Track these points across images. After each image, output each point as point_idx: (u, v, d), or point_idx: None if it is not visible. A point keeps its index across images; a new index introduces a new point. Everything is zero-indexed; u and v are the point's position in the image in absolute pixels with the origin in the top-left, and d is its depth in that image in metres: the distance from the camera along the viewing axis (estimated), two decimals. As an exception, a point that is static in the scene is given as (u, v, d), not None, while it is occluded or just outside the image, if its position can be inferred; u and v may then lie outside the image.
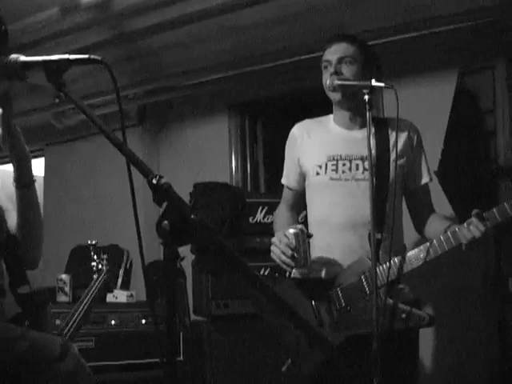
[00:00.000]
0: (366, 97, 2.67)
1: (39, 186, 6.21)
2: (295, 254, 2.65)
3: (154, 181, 1.35)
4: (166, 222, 1.31)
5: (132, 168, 1.49)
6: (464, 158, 4.02)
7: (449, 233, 2.59)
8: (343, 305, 2.70)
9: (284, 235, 2.70)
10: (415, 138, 2.89)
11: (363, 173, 2.78)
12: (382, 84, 2.70)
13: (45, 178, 6.46)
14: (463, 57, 3.98)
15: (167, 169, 5.41)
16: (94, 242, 4.13)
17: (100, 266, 3.56)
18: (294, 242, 2.67)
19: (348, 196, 2.78)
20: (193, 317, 4.49)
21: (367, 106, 2.66)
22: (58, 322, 3.93)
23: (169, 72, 4.83)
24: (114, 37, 4.34)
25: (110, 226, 5.67)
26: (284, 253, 2.68)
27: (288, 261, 2.67)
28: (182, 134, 5.29)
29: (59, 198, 6.25)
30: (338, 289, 2.72)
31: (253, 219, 4.21)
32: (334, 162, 2.83)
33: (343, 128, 2.92)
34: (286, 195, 3.13)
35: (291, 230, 2.70)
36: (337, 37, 2.90)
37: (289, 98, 5.11)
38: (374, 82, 2.68)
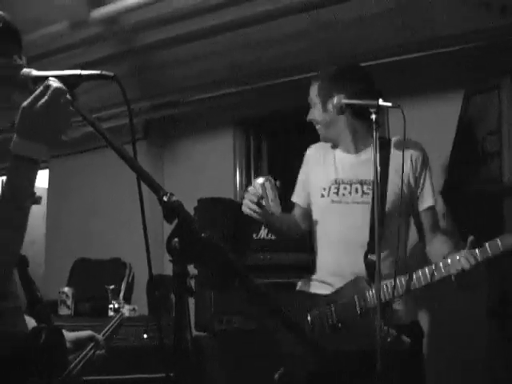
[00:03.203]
0: (374, 116, 2.70)
1: (43, 197, 6.23)
2: (262, 202, 2.77)
3: (165, 198, 1.35)
4: (176, 239, 1.32)
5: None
6: (469, 178, 4.02)
7: (441, 263, 2.65)
8: (335, 321, 2.79)
9: (252, 186, 2.83)
10: (419, 159, 2.92)
11: (362, 196, 2.86)
12: (388, 104, 2.73)
13: (48, 190, 6.47)
14: (469, 77, 3.98)
15: (171, 183, 5.41)
16: (111, 287, 4.21)
17: (117, 306, 3.59)
18: (260, 190, 2.78)
19: (346, 218, 2.86)
20: (194, 332, 4.48)
21: (374, 125, 2.69)
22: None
23: (174, 87, 4.85)
24: (120, 51, 4.37)
25: (112, 239, 5.67)
26: (251, 201, 2.78)
27: (254, 207, 2.79)
28: (186, 148, 5.30)
29: (62, 210, 6.25)
30: (332, 305, 2.81)
31: (256, 236, 4.20)
32: (337, 186, 2.94)
33: (346, 152, 3.00)
34: (296, 212, 3.22)
35: (258, 180, 2.84)
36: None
37: (294, 115, 5.11)
38: (381, 102, 2.71)
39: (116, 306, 4.49)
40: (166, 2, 3.56)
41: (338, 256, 2.89)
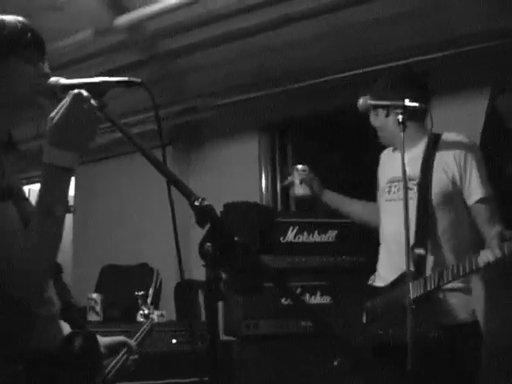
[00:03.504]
0: (400, 117, 2.70)
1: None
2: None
3: (197, 203, 1.35)
4: (208, 243, 1.31)
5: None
6: (496, 176, 3.98)
7: (470, 257, 2.64)
8: (379, 313, 2.93)
9: None
10: (463, 153, 2.91)
11: (408, 192, 2.85)
12: (415, 104, 2.73)
13: (75, 196, 6.50)
14: (495, 75, 3.95)
15: (197, 188, 5.33)
16: (140, 293, 4.48)
17: (147, 312, 3.61)
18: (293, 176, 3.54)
19: (396, 214, 2.88)
20: (223, 337, 4.48)
21: (400, 126, 2.69)
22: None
23: (199, 92, 4.86)
24: (144, 58, 4.39)
25: (139, 245, 5.69)
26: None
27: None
28: (212, 153, 5.30)
29: (89, 216, 6.29)
30: (382, 298, 2.95)
31: (283, 239, 4.18)
32: (390, 185, 3.08)
33: (399, 151, 2.97)
34: None
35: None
36: None
37: (318, 118, 5.11)
38: (407, 102, 2.71)
39: (146, 311, 4.50)
40: (189, 8, 3.56)
41: (389, 251, 3.03)
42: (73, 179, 5.60)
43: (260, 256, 1.17)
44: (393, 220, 2.97)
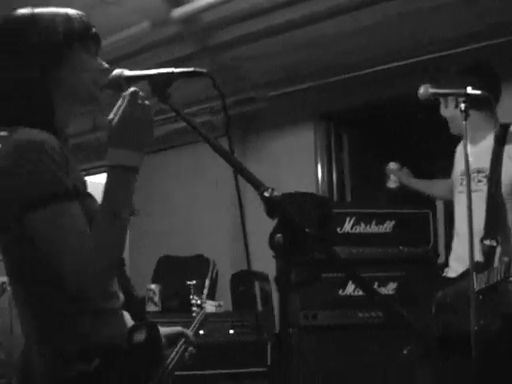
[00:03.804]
0: (463, 105, 2.65)
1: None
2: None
3: (267, 194, 1.33)
4: (279, 235, 1.30)
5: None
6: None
7: None
8: (448, 304, 2.95)
9: None
10: None
11: (477, 184, 2.93)
12: (477, 92, 2.67)
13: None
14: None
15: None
16: (194, 282, 4.52)
17: (199, 302, 3.64)
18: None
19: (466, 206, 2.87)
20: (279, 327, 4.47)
21: (463, 114, 2.65)
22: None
23: (254, 83, 4.85)
24: (200, 49, 4.39)
25: (195, 235, 5.73)
26: None
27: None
28: (267, 143, 5.30)
29: (146, 207, 6.34)
30: (451, 288, 2.98)
31: (340, 230, 4.15)
32: (462, 177, 3.07)
33: (469, 143, 2.95)
34: None
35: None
36: None
37: (374, 108, 5.06)
38: (469, 90, 2.66)
39: (198, 302, 4.52)
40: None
41: (460, 243, 3.04)
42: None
43: (333, 247, 1.15)
44: (463, 212, 2.90)
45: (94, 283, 1.57)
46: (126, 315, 1.85)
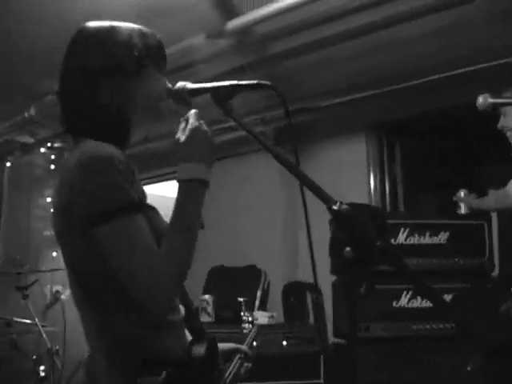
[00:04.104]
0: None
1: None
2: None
3: (335, 207, 1.33)
4: (348, 248, 1.29)
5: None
6: None
7: None
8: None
9: None
10: None
11: None
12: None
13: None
14: None
15: (306, 190, 5.41)
16: (244, 299, 4.55)
17: (250, 319, 3.64)
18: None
19: None
20: (332, 339, 4.45)
21: None
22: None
23: (305, 93, 4.84)
24: (253, 61, 4.40)
25: (247, 246, 5.73)
26: None
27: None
28: (319, 154, 5.28)
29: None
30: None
31: (394, 241, 4.11)
32: None
33: None
34: None
35: None
36: None
37: (427, 118, 5.02)
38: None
39: (250, 318, 4.52)
40: (297, 10, 3.55)
41: None
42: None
43: (403, 259, 1.13)
44: None
45: (164, 298, 1.58)
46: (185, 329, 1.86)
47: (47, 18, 3.79)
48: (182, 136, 1.68)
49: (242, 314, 3.48)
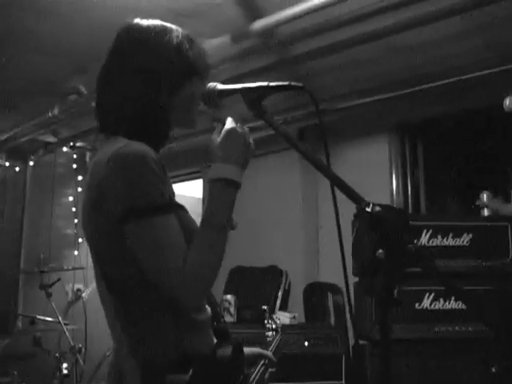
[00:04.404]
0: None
1: (197, 207, 6.38)
2: None
3: (368, 209, 1.33)
4: (381, 250, 1.30)
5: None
6: None
7: None
8: None
9: None
10: None
11: None
12: None
13: (203, 199, 6.63)
14: None
15: (326, 190, 5.38)
16: (265, 308, 4.48)
17: (274, 326, 3.61)
18: None
19: None
20: (353, 340, 4.45)
21: None
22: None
23: (327, 94, 4.84)
24: (275, 61, 4.41)
25: (267, 246, 5.74)
26: None
27: None
28: (340, 155, 5.27)
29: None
30: None
31: (417, 242, 4.10)
32: None
33: None
34: None
35: None
36: None
37: (449, 120, 5.00)
38: None
39: (273, 326, 4.50)
40: (321, 11, 3.54)
41: None
42: (200, 182, 5.76)
43: (434, 262, 1.14)
44: None
45: (199, 296, 1.60)
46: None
47: (74, 18, 3.81)
48: (217, 137, 1.69)
49: (266, 321, 3.47)
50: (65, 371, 4.66)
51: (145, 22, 1.79)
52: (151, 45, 1.74)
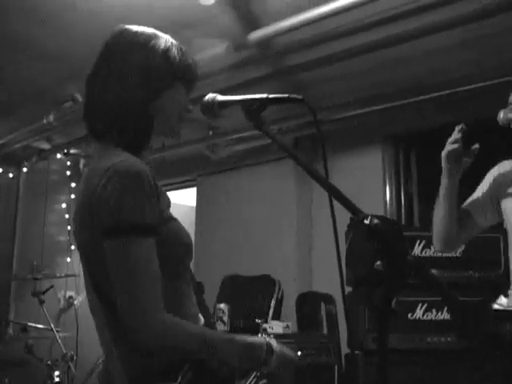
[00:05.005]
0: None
1: (190, 216, 6.38)
2: None
3: (367, 221, 1.34)
4: (379, 262, 1.31)
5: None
6: None
7: None
8: None
9: None
10: None
11: None
12: None
13: (196, 207, 6.64)
14: None
15: (320, 200, 5.43)
16: (259, 321, 4.56)
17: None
18: None
19: None
20: (346, 350, 4.46)
21: None
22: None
23: (322, 105, 4.87)
24: (270, 72, 4.44)
25: (260, 255, 5.75)
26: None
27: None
28: (335, 165, 5.29)
29: (210, 226, 6.40)
30: None
31: (410, 253, 4.13)
32: None
33: None
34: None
35: None
36: None
37: (443, 131, 5.01)
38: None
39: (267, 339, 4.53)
40: (317, 23, 3.57)
41: None
42: (195, 190, 5.74)
43: (432, 273, 1.15)
44: None
45: (149, 336, 1.56)
46: None
47: (70, 26, 3.83)
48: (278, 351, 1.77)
49: (260, 335, 3.50)
50: (56, 379, 4.64)
51: (134, 28, 1.80)
52: (137, 48, 1.75)
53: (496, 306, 2.83)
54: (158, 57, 1.75)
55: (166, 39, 1.79)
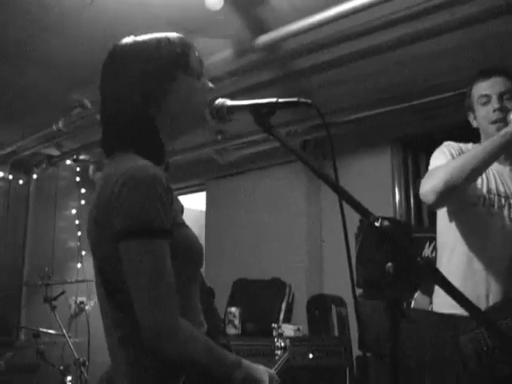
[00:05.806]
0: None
1: (200, 220, 6.37)
2: None
3: (377, 224, 1.35)
4: (390, 264, 1.31)
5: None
6: None
7: None
8: (490, 346, 2.53)
9: None
10: None
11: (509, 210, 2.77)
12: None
13: (206, 211, 6.66)
14: None
15: (329, 203, 5.44)
16: (275, 325, 4.51)
17: (283, 344, 3.63)
18: None
19: (497, 231, 2.75)
20: (358, 352, 4.46)
21: None
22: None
23: (330, 107, 4.87)
24: (278, 76, 4.45)
25: (271, 258, 5.75)
26: None
27: None
28: (344, 167, 5.30)
29: (220, 230, 6.41)
30: (484, 329, 2.55)
31: (420, 254, 4.11)
32: (492, 197, 2.81)
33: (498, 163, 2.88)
34: None
35: None
36: (493, 70, 2.86)
37: (451, 131, 5.01)
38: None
39: (282, 344, 4.51)
40: (324, 27, 3.57)
41: (487, 269, 2.71)
42: (204, 194, 5.75)
43: (442, 274, 1.14)
44: (493, 237, 2.75)
45: (160, 330, 1.56)
46: None
47: (78, 32, 3.84)
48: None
49: (276, 340, 3.48)
50: (69, 384, 4.67)
51: (131, 39, 1.82)
52: (138, 57, 1.77)
53: None
54: (151, 62, 1.75)
55: (157, 39, 1.79)
